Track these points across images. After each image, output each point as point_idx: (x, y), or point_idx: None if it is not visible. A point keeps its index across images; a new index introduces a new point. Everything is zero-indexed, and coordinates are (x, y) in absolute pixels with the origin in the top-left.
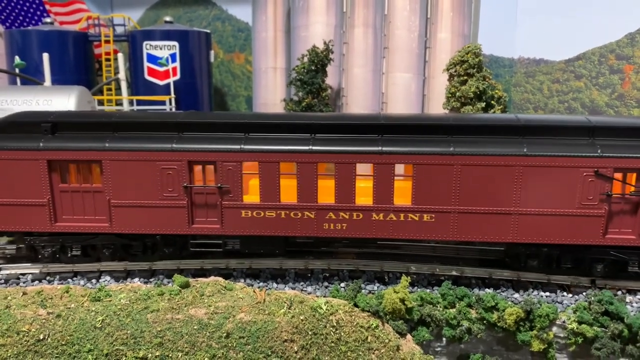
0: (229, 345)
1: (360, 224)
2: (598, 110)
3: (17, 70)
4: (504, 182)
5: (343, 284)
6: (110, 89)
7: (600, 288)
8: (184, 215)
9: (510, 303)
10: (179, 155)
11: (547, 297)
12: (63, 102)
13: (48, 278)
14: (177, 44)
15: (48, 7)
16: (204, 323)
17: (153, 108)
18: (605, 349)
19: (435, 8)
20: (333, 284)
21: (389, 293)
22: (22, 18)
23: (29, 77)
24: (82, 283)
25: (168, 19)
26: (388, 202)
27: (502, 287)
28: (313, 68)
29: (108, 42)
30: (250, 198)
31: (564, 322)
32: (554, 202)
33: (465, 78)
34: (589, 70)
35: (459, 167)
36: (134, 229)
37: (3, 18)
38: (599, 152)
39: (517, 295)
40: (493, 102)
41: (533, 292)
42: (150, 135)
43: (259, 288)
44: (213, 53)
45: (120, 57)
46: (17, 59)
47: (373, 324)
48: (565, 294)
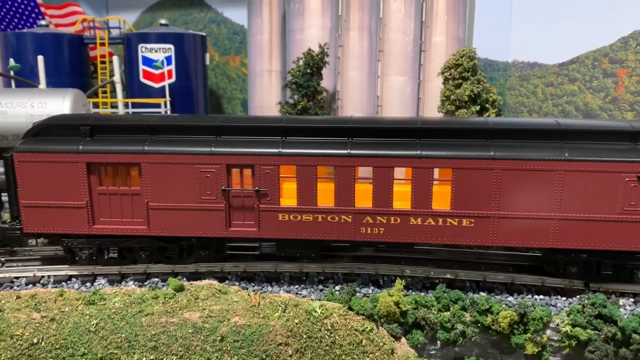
0: (224, 349)
1: (398, 229)
2: (592, 114)
3: (11, 73)
4: (545, 187)
5: (338, 287)
6: (106, 92)
7: (594, 291)
8: (222, 218)
9: (505, 306)
10: (218, 159)
11: (541, 300)
12: (58, 104)
13: (42, 281)
14: (172, 47)
15: (43, 9)
16: (199, 326)
17: (148, 111)
18: (599, 352)
19: (430, 11)
20: (328, 287)
21: (384, 296)
22: (17, 20)
23: (24, 79)
24: (76, 287)
25: (163, 22)
26: (426, 206)
27: (496, 290)
28: (308, 71)
29: (103, 44)
30: (287, 201)
31: (558, 325)
32: (595, 207)
33: (460, 81)
34: (583, 74)
35: (499, 171)
36: (172, 232)
37: None
38: None
39: (511, 299)
40: (487, 105)
41: (527, 295)
42: (189, 139)
43: (254, 291)
44: (208, 56)
45: (116, 59)
46: (11, 62)
47: (367, 327)
48: (559, 297)
